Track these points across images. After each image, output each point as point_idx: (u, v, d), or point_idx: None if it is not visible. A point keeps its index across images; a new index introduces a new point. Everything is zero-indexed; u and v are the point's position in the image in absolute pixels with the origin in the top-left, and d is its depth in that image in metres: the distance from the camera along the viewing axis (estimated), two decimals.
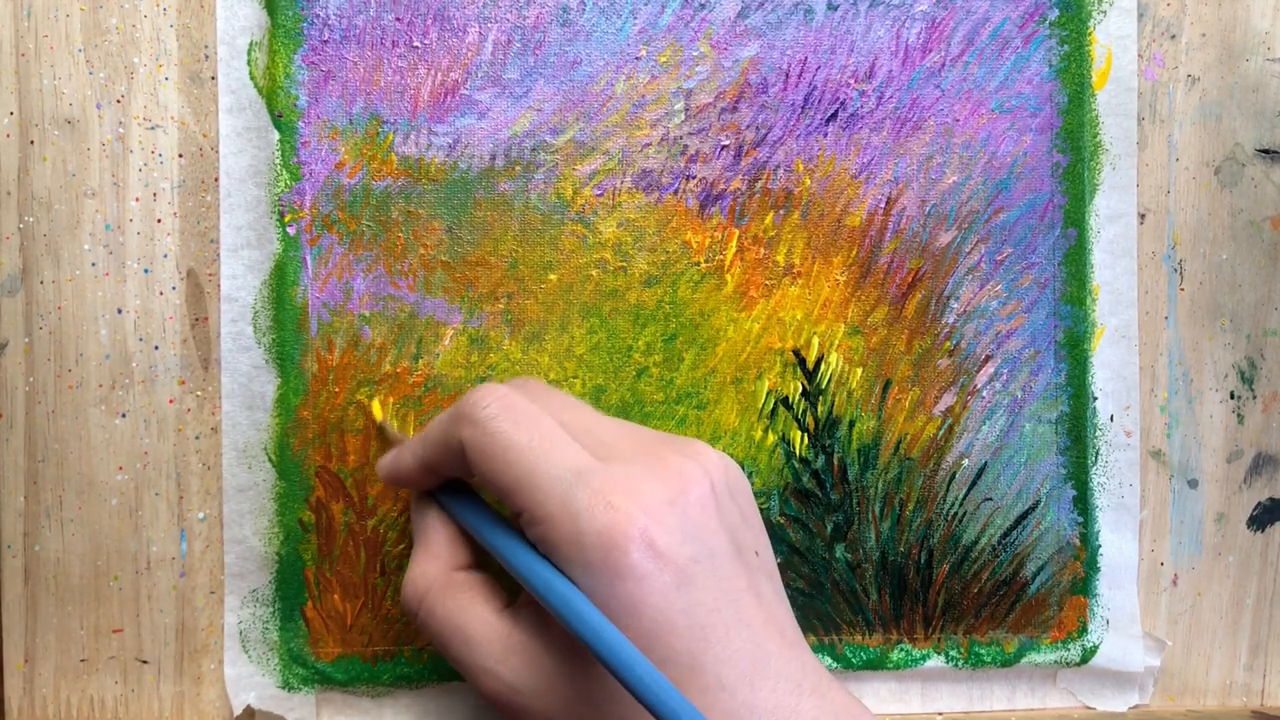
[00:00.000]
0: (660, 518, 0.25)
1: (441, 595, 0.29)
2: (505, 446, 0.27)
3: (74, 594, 0.36)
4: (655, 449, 0.28)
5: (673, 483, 0.26)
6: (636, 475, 0.26)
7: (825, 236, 0.37)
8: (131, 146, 0.36)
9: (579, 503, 0.25)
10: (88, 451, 0.36)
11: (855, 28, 0.37)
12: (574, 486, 0.26)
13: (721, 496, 0.27)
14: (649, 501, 0.25)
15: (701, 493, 0.27)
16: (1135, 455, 0.39)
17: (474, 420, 0.28)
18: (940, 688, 0.38)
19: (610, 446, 0.28)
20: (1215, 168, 0.39)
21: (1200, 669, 0.40)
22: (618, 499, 0.25)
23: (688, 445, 0.28)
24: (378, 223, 0.36)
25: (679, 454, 0.27)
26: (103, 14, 0.36)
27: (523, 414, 0.28)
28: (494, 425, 0.27)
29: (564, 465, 0.26)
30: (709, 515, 0.26)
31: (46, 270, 0.36)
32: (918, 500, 0.38)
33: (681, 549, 0.25)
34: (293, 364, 0.36)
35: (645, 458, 0.27)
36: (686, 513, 0.26)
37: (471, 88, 0.36)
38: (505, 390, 0.28)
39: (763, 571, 0.28)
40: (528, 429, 0.27)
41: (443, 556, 0.30)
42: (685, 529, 0.26)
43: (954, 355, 0.38)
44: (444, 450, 0.29)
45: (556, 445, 0.27)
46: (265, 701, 0.36)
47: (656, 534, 0.25)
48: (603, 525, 0.25)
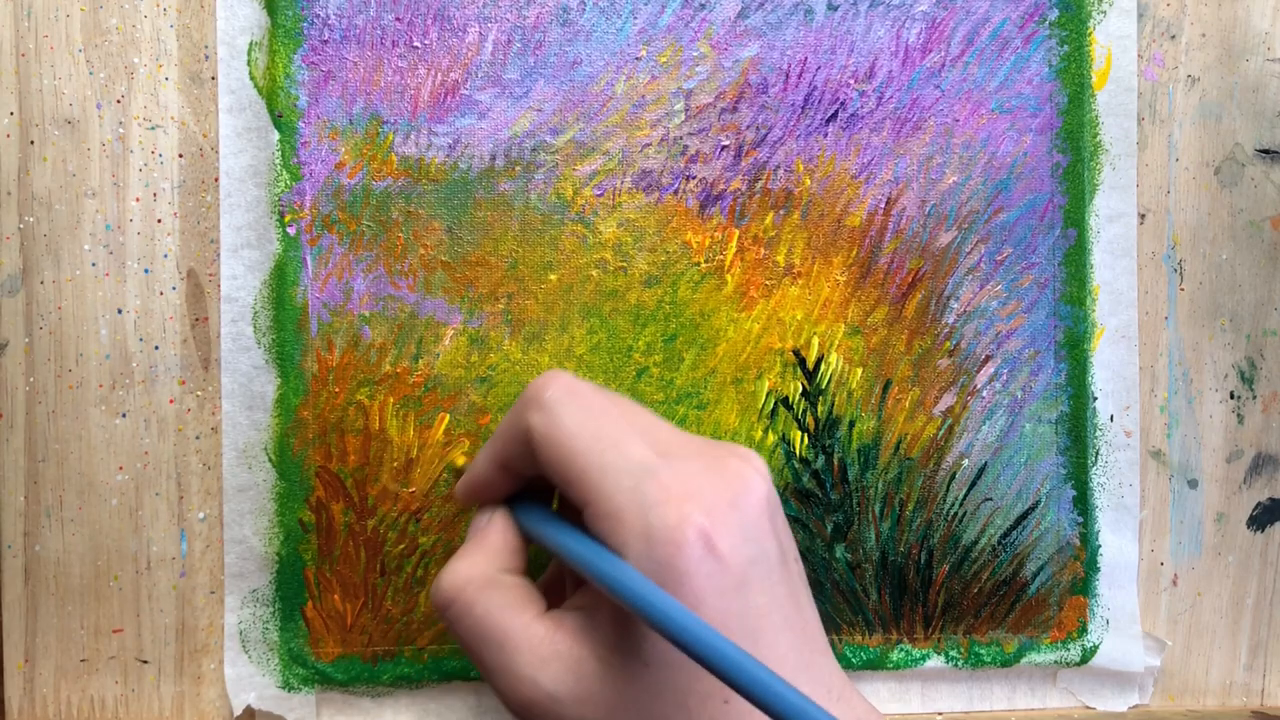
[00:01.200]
0: (723, 518, 0.25)
1: (481, 593, 0.27)
2: (573, 434, 0.27)
3: (74, 594, 0.36)
4: (713, 450, 0.27)
5: (734, 484, 0.26)
6: (700, 474, 0.26)
7: (825, 236, 0.37)
8: (131, 146, 0.36)
9: (648, 499, 0.25)
10: (88, 451, 0.36)
11: (855, 28, 0.37)
12: (643, 481, 0.25)
13: (774, 502, 0.27)
14: (713, 501, 0.25)
15: (759, 497, 0.26)
16: (1135, 455, 0.39)
17: (541, 404, 0.27)
18: (940, 688, 0.38)
19: (669, 445, 0.27)
20: (1215, 168, 0.39)
21: (1200, 669, 0.40)
22: (683, 497, 0.25)
23: (739, 450, 0.28)
24: (378, 223, 0.36)
25: (736, 457, 0.27)
26: (103, 14, 0.36)
27: (590, 402, 0.27)
28: (561, 410, 0.27)
29: (632, 459, 0.26)
30: (764, 520, 0.26)
31: (47, 270, 0.36)
32: (918, 500, 0.38)
33: (741, 551, 0.25)
34: (293, 364, 0.36)
35: (705, 458, 0.27)
36: (746, 515, 0.26)
37: (471, 88, 0.36)
38: (570, 376, 0.28)
39: (800, 580, 0.28)
40: (596, 418, 0.27)
41: (493, 558, 0.29)
42: (745, 531, 0.26)
43: (954, 355, 0.38)
44: (513, 441, 0.28)
45: (624, 437, 0.27)
46: (265, 701, 0.36)
47: (719, 535, 0.25)
48: (671, 523, 0.25)
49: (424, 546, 0.36)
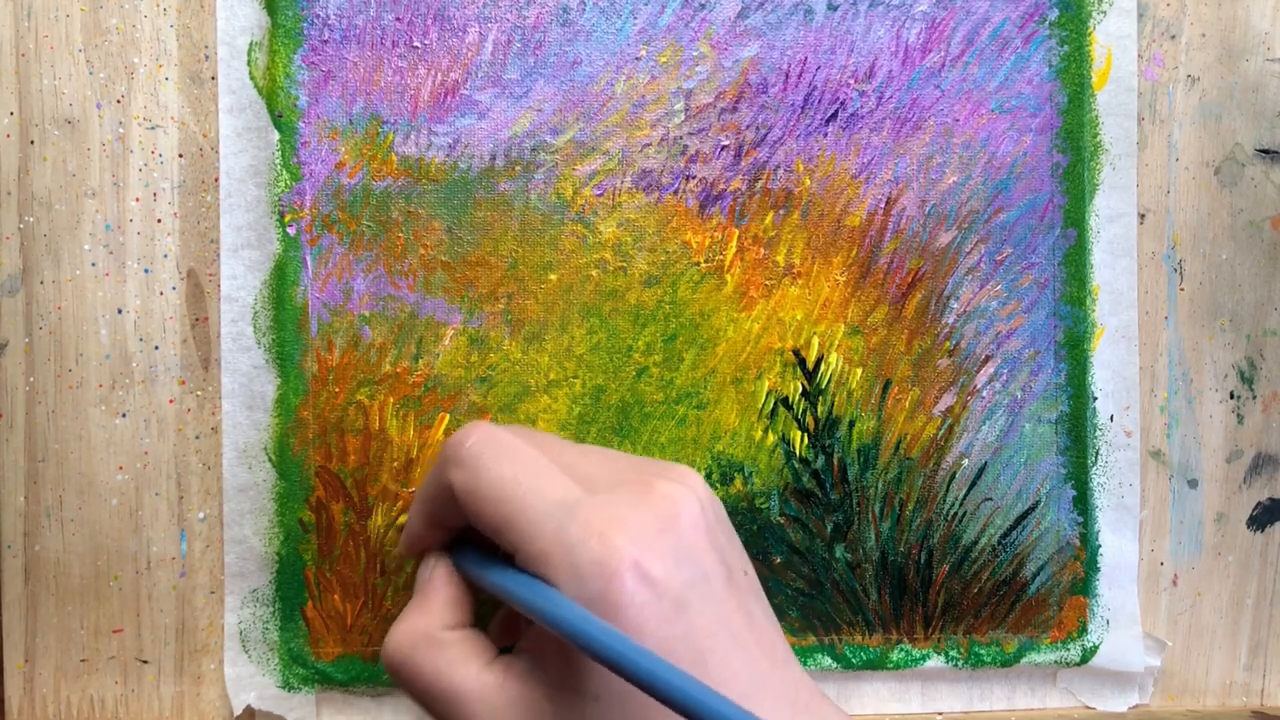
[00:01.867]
0: (652, 545, 0.25)
1: (429, 652, 0.28)
2: (492, 484, 0.27)
3: (74, 594, 0.36)
4: (640, 476, 0.27)
5: (663, 509, 0.26)
6: (625, 504, 0.26)
7: (825, 236, 0.37)
8: (131, 146, 0.36)
9: (572, 536, 0.25)
10: (88, 451, 0.36)
11: (855, 28, 0.37)
12: (566, 520, 0.25)
13: (710, 519, 0.27)
14: (640, 530, 0.25)
15: (692, 517, 0.26)
16: (1135, 455, 0.39)
17: (459, 461, 0.27)
18: (940, 688, 0.38)
19: (594, 477, 0.27)
20: (1215, 168, 0.39)
21: (1200, 669, 0.40)
22: (609, 529, 0.25)
23: (671, 469, 0.28)
24: (378, 223, 0.36)
25: (664, 479, 0.27)
26: (103, 14, 0.36)
27: (506, 448, 0.27)
28: (479, 462, 0.27)
29: (553, 499, 0.26)
30: (700, 538, 0.26)
31: (46, 270, 0.36)
32: (918, 500, 0.38)
33: (676, 575, 0.25)
34: (293, 364, 0.36)
35: (632, 486, 0.27)
36: (680, 538, 0.26)
37: (471, 88, 0.36)
38: (486, 426, 0.28)
39: (751, 592, 0.27)
40: (512, 463, 0.27)
41: (436, 615, 0.29)
42: (679, 554, 0.25)
43: (954, 355, 0.38)
44: (438, 499, 0.29)
45: (544, 478, 0.27)
46: (265, 701, 0.36)
47: (650, 562, 0.25)
48: (597, 557, 0.25)
49: None
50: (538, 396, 0.36)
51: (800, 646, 0.37)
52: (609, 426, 0.37)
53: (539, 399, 0.36)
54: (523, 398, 0.36)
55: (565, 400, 0.37)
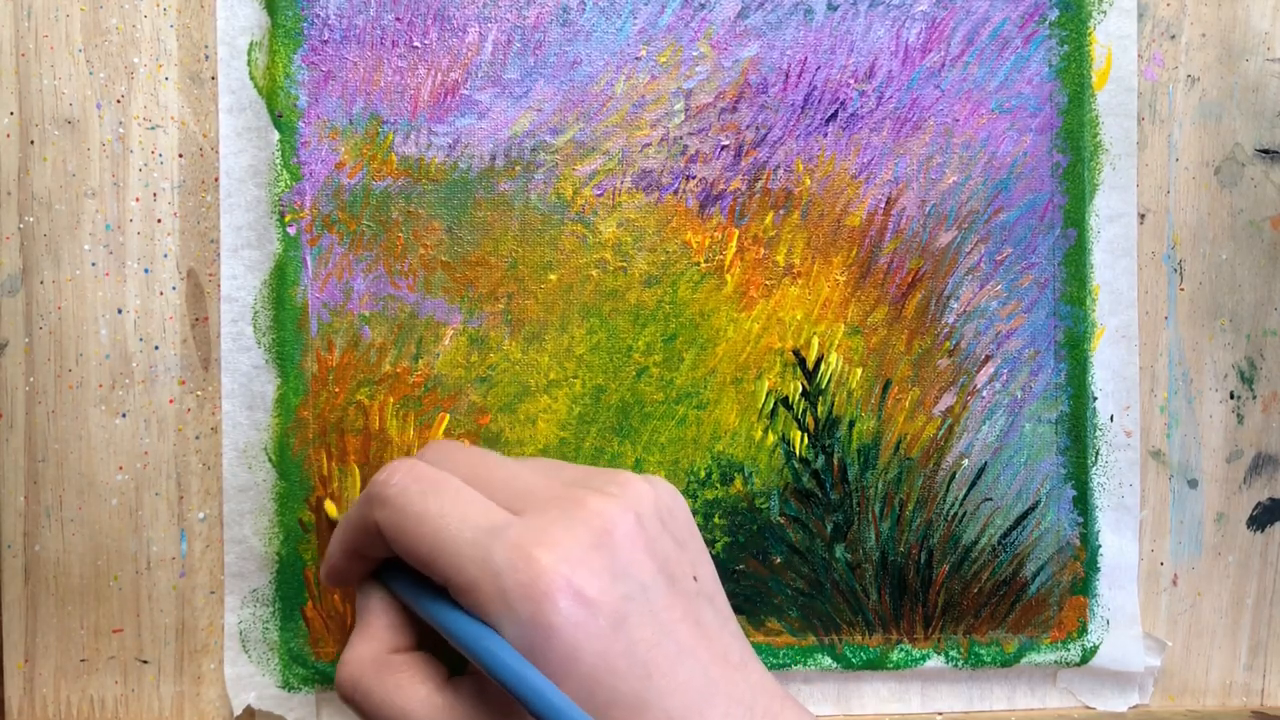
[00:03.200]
0: (584, 562, 0.25)
1: (378, 677, 0.27)
2: (416, 519, 0.26)
3: (74, 594, 0.36)
4: (573, 492, 0.27)
5: (593, 524, 0.26)
6: (554, 523, 0.26)
7: (825, 236, 0.37)
8: (131, 146, 0.36)
9: (497, 561, 0.25)
10: (88, 451, 0.36)
11: (855, 28, 0.37)
12: (491, 547, 0.25)
13: (650, 528, 0.27)
14: (570, 549, 0.25)
15: (626, 529, 0.26)
16: (1135, 455, 0.39)
17: (383, 499, 0.27)
18: (940, 688, 0.38)
19: (526, 496, 0.27)
20: (1215, 168, 0.39)
21: (1200, 669, 0.40)
22: (536, 551, 0.25)
23: (610, 481, 0.28)
24: (378, 223, 0.36)
25: (599, 493, 0.27)
26: (103, 14, 0.36)
27: (429, 481, 0.27)
28: (402, 500, 0.27)
29: (479, 526, 0.26)
30: (637, 550, 0.26)
31: (46, 270, 0.36)
32: (918, 500, 0.38)
33: (612, 590, 0.25)
34: (293, 364, 0.36)
35: (562, 503, 0.27)
36: (614, 552, 0.26)
37: (471, 88, 0.36)
38: (410, 462, 0.28)
39: (702, 597, 0.27)
40: (436, 496, 0.27)
41: (379, 639, 0.29)
42: (613, 569, 0.25)
43: (954, 355, 0.38)
44: (363, 535, 0.29)
45: (468, 507, 0.26)
46: (265, 701, 0.36)
47: (582, 580, 0.25)
48: (525, 580, 0.24)
49: None
50: (538, 396, 0.36)
51: (800, 646, 0.37)
52: (609, 426, 0.37)
53: (539, 399, 0.36)
54: (523, 398, 0.36)
55: (565, 400, 0.37)
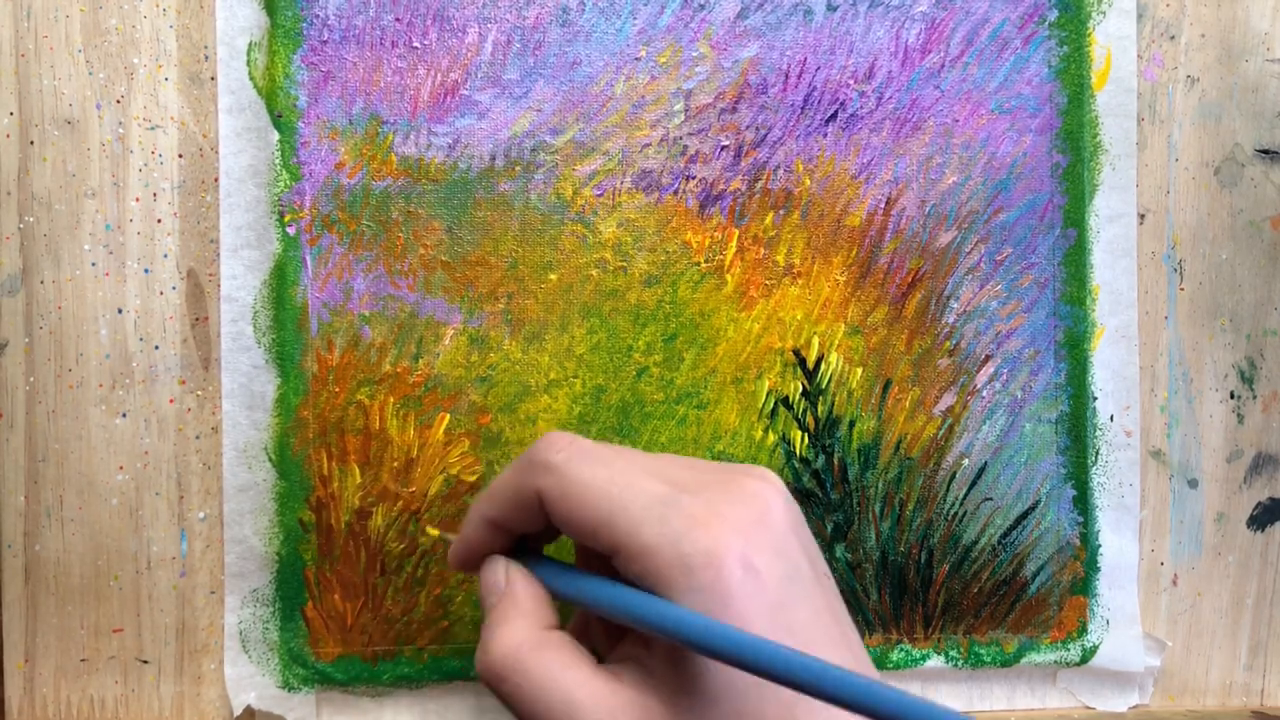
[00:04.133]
0: (754, 537, 0.25)
1: (535, 656, 0.26)
2: (587, 485, 0.27)
3: (74, 594, 0.36)
4: (728, 475, 0.27)
5: (757, 504, 0.26)
6: (722, 499, 0.26)
7: (825, 236, 0.37)
8: (131, 146, 0.36)
9: (675, 527, 0.25)
10: (88, 451, 0.36)
11: (855, 28, 0.37)
12: (668, 514, 0.25)
13: (795, 516, 0.27)
14: (739, 523, 0.25)
15: (781, 514, 0.27)
16: (1135, 455, 0.39)
17: (549, 466, 0.27)
18: (940, 688, 0.38)
19: (683, 479, 0.27)
20: (1215, 168, 0.39)
21: (1200, 669, 0.39)
22: (713, 520, 0.25)
23: (754, 469, 0.28)
24: (378, 223, 0.36)
25: (752, 478, 0.27)
26: (103, 14, 0.36)
27: (596, 453, 0.27)
28: (572, 467, 0.27)
29: (651, 496, 0.26)
30: (790, 536, 0.26)
31: (46, 270, 0.36)
32: (918, 500, 0.38)
33: (775, 568, 0.25)
34: (293, 364, 0.36)
35: (722, 484, 0.27)
36: (775, 532, 0.26)
37: (471, 88, 0.36)
38: (570, 435, 0.28)
39: (835, 594, 0.28)
40: (607, 466, 0.27)
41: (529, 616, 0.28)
42: (775, 548, 0.26)
43: (954, 355, 0.38)
44: (516, 505, 0.28)
45: (639, 477, 0.27)
46: (265, 701, 0.36)
47: (754, 553, 0.25)
48: (705, 548, 0.25)
49: (424, 546, 0.36)
50: (538, 396, 0.36)
51: None
52: (609, 426, 0.37)
53: (539, 399, 0.36)
54: (523, 397, 0.36)
55: (565, 400, 0.37)
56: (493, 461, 0.36)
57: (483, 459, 0.36)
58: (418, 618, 0.36)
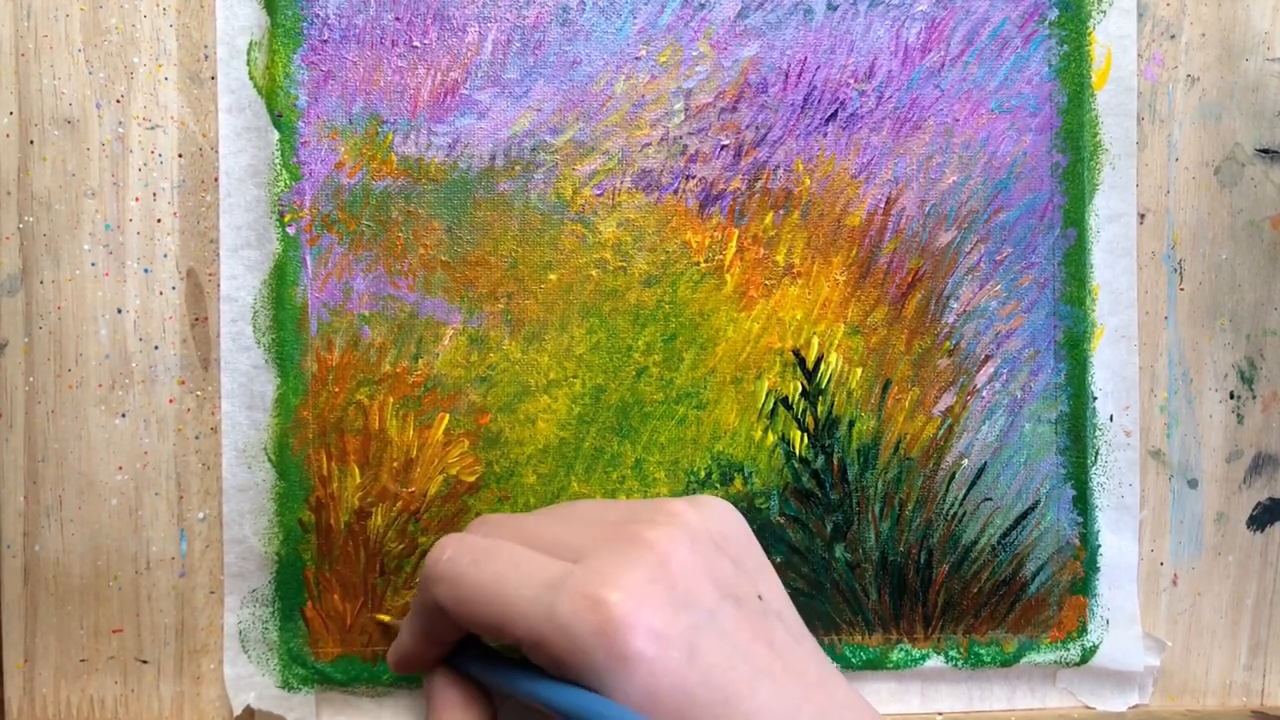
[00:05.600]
0: (648, 598, 0.25)
1: None
2: (475, 587, 0.27)
3: (74, 594, 0.36)
4: (623, 529, 0.27)
5: (651, 557, 0.26)
6: (611, 564, 0.26)
7: (825, 236, 0.37)
8: (131, 146, 0.36)
9: (565, 612, 0.25)
10: (88, 451, 0.36)
11: (855, 28, 0.37)
12: (555, 599, 0.25)
13: (706, 553, 0.27)
14: (632, 585, 0.25)
15: (681, 558, 0.26)
16: (1135, 455, 0.39)
17: (438, 576, 0.27)
18: (940, 688, 0.38)
19: (578, 546, 0.27)
20: (1215, 168, 0.39)
21: (1200, 669, 0.40)
22: (601, 593, 0.25)
23: (658, 510, 0.28)
24: (378, 223, 0.36)
25: (649, 525, 0.27)
26: (103, 14, 0.36)
27: (481, 551, 0.27)
28: (456, 572, 0.27)
29: (539, 582, 0.26)
30: (696, 577, 0.26)
31: (46, 270, 0.36)
32: (917, 500, 0.38)
33: (679, 620, 0.25)
34: (293, 364, 0.36)
35: (615, 542, 0.27)
36: (673, 583, 0.26)
37: (471, 88, 0.36)
38: (458, 536, 0.28)
39: (770, 615, 0.27)
40: (490, 562, 0.27)
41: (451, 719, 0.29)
42: (675, 600, 0.25)
43: (954, 355, 0.38)
44: (429, 615, 0.29)
45: (525, 566, 0.27)
46: (265, 701, 0.36)
47: (649, 615, 0.25)
48: (596, 625, 0.24)
49: (424, 546, 0.36)
50: (537, 396, 0.36)
51: None
52: (609, 426, 0.37)
53: (539, 399, 0.36)
54: (522, 397, 0.36)
55: (565, 400, 0.37)
56: (492, 462, 0.36)
57: (482, 459, 0.36)
58: None
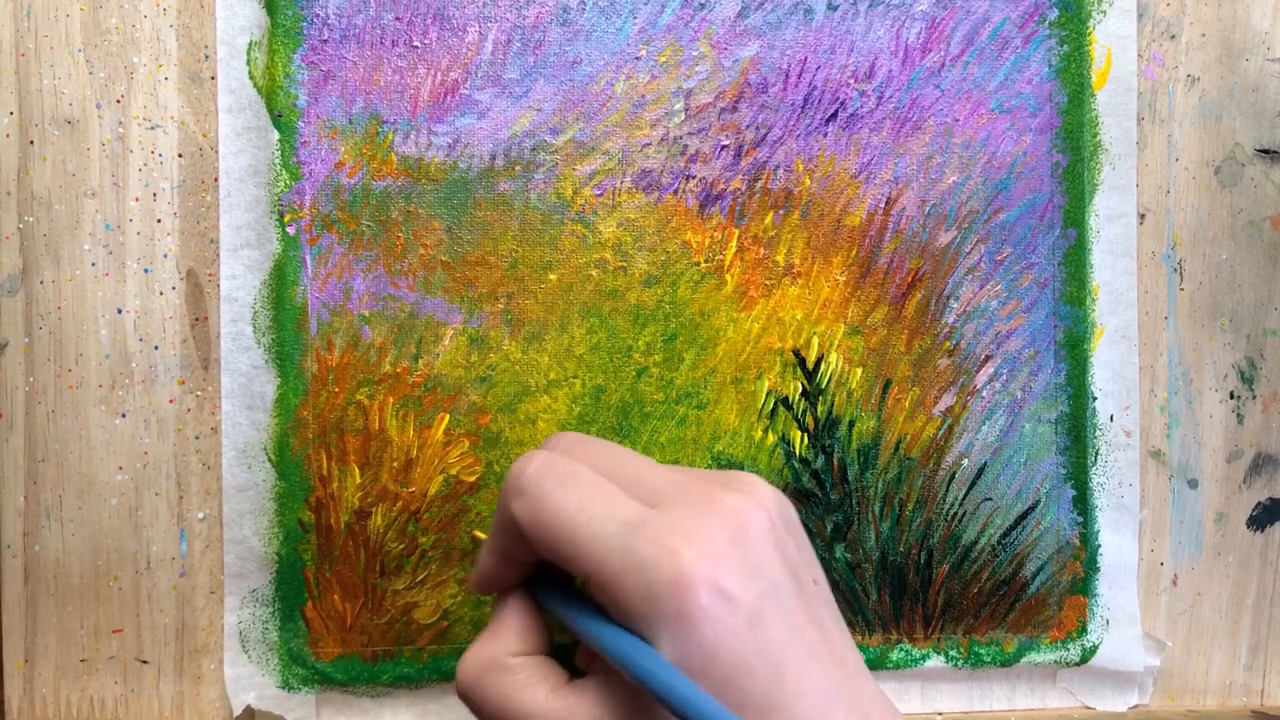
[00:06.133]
0: (723, 559, 0.25)
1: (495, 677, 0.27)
2: (554, 512, 0.26)
3: (74, 594, 0.36)
4: (707, 489, 0.27)
5: (731, 521, 0.26)
6: (693, 518, 0.26)
7: (825, 236, 0.37)
8: (131, 146, 0.36)
9: (641, 556, 0.25)
10: (88, 451, 0.36)
11: (855, 28, 0.37)
12: (633, 540, 0.25)
13: (778, 529, 0.27)
14: (710, 544, 0.25)
15: (760, 528, 0.26)
16: (1135, 455, 0.39)
17: (519, 490, 0.27)
18: (940, 688, 0.38)
19: (661, 492, 0.27)
20: (1215, 168, 0.39)
21: (1200, 669, 0.40)
22: (679, 545, 0.25)
23: (738, 480, 0.28)
24: (378, 223, 0.36)
25: (732, 490, 0.27)
26: (103, 14, 0.36)
27: (566, 474, 0.27)
28: (539, 491, 0.27)
29: (619, 520, 0.26)
30: (769, 550, 0.26)
31: (46, 270, 0.36)
32: (917, 500, 0.38)
33: (749, 587, 0.25)
34: (293, 364, 0.36)
35: (698, 499, 0.27)
36: (749, 550, 0.26)
37: (471, 88, 0.36)
38: (544, 454, 0.28)
39: (822, 601, 0.27)
40: (575, 489, 0.27)
41: (503, 641, 0.29)
42: (749, 566, 0.25)
43: (954, 355, 0.38)
44: (506, 533, 0.28)
45: (607, 500, 0.26)
46: (265, 701, 0.36)
47: (723, 576, 0.25)
48: (670, 575, 0.24)
49: (424, 546, 0.36)
50: (538, 396, 0.36)
51: None
52: (609, 426, 0.37)
53: (539, 399, 0.36)
54: (523, 398, 0.36)
55: (565, 400, 0.37)
56: (492, 462, 0.36)
57: (482, 459, 0.36)
58: (417, 618, 0.36)
